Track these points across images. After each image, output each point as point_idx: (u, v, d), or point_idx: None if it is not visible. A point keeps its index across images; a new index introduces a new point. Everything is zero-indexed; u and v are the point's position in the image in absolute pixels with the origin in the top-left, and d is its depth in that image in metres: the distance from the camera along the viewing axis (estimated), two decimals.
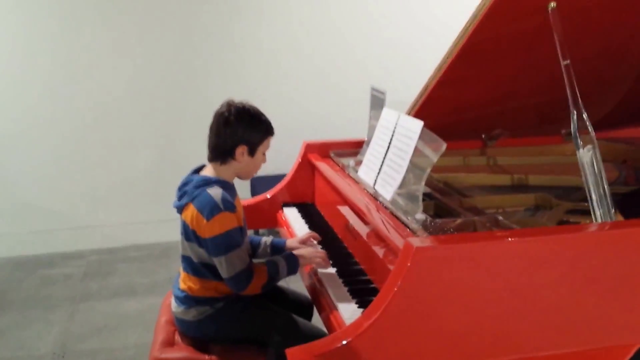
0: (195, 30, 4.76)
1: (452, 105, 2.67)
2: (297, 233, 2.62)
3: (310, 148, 3.03)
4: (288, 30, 4.91)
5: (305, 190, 3.03)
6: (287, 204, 3.01)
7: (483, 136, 3.01)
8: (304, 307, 2.44)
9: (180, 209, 2.14)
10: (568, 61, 2.03)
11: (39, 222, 4.76)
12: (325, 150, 3.02)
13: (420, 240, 1.67)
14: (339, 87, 5.02)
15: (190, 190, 2.11)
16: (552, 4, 2.02)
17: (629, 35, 2.48)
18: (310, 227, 2.69)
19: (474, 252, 1.65)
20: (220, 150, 2.15)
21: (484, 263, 1.65)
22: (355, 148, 2.84)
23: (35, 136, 4.65)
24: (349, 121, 4.30)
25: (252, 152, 2.16)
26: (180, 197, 2.15)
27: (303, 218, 2.82)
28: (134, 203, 4.90)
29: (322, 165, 2.85)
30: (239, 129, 2.12)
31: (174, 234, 3.86)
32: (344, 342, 1.61)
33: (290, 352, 1.63)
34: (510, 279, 1.66)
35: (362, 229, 2.24)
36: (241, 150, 2.14)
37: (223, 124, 2.13)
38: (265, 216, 2.99)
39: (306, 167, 3.02)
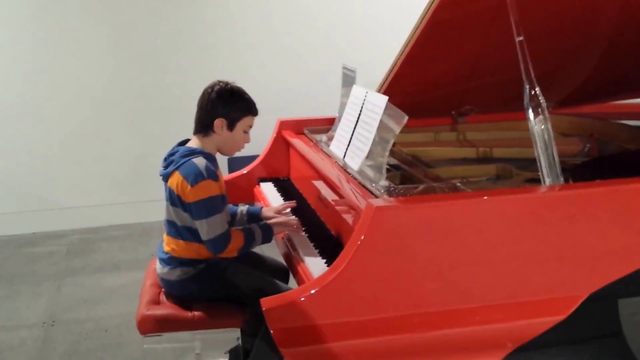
0: (167, 10, 4.93)
1: (419, 83, 2.89)
2: (273, 205, 2.83)
3: (284, 125, 3.25)
4: (261, 11, 5.11)
5: (281, 166, 3.25)
6: (264, 179, 3.23)
7: (453, 113, 3.25)
8: (280, 273, 2.67)
9: (166, 177, 2.36)
10: (522, 37, 2.23)
11: (21, 203, 4.95)
12: (299, 127, 3.24)
13: (380, 202, 1.90)
14: (313, 67, 5.21)
15: (177, 159, 2.34)
16: None
17: (592, 13, 2.69)
18: (285, 200, 2.91)
19: (428, 211, 1.89)
20: (202, 123, 2.39)
21: (438, 222, 1.88)
22: (328, 125, 3.05)
23: (19, 119, 4.82)
24: (323, 99, 4.47)
25: (230, 127, 2.39)
26: (166, 166, 2.38)
27: (279, 192, 3.05)
28: (115, 184, 5.09)
29: (296, 142, 3.07)
30: (219, 103, 2.36)
31: (155, 215, 4.09)
32: (312, 292, 1.84)
33: (264, 300, 1.86)
34: (461, 237, 1.89)
35: (332, 198, 2.47)
36: (220, 124, 2.37)
37: (206, 99, 2.38)
38: (243, 191, 3.20)
39: (281, 144, 3.24)
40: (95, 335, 3.34)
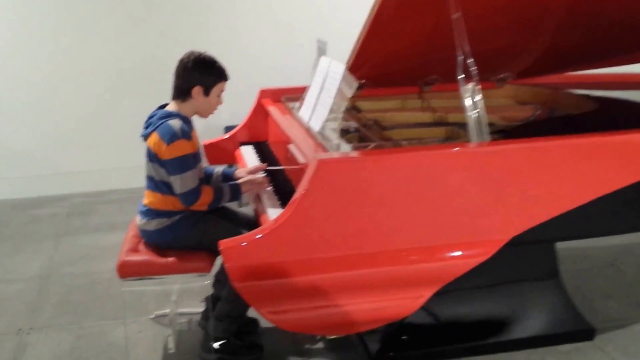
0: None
1: (383, 56, 3.17)
2: (249, 165, 3.13)
3: (264, 94, 3.55)
4: None
5: (261, 131, 3.55)
6: (244, 143, 3.53)
7: (419, 82, 3.52)
8: (250, 226, 2.96)
9: (146, 137, 2.67)
10: (458, 14, 2.50)
11: (26, 167, 5.30)
12: (278, 95, 3.54)
13: (323, 155, 2.20)
14: (298, 39, 5.44)
15: (155, 121, 2.64)
16: None
17: None
18: (261, 161, 3.21)
19: (363, 164, 2.19)
20: (181, 90, 2.69)
21: (372, 173, 2.18)
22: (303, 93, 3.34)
23: (27, 87, 5.15)
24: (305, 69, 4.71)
25: (206, 93, 2.69)
26: (146, 127, 2.69)
27: (256, 153, 3.35)
28: (118, 149, 5.42)
29: (272, 108, 3.36)
30: (196, 72, 2.66)
31: None
32: (262, 234, 2.15)
33: (222, 242, 2.17)
34: (393, 186, 2.18)
35: (297, 155, 2.76)
36: (197, 90, 2.66)
37: (183, 69, 2.68)
38: (225, 153, 3.52)
39: (261, 111, 3.54)
40: (87, 287, 3.66)
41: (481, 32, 2.86)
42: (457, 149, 2.28)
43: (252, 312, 2.86)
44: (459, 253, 2.23)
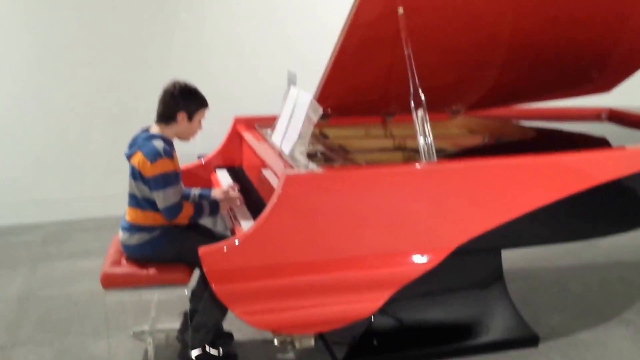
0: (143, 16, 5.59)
1: (348, 88, 3.51)
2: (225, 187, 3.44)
3: (238, 122, 3.88)
4: (225, 22, 5.77)
5: (235, 156, 3.88)
6: (220, 167, 3.85)
7: (382, 113, 3.89)
8: None
9: (130, 156, 2.98)
10: (409, 51, 2.87)
11: (1, 196, 5.53)
12: (251, 123, 3.88)
13: (291, 172, 2.53)
14: (271, 70, 5.71)
15: (139, 142, 2.96)
16: (400, 10, 2.86)
17: (488, 36, 3.34)
18: (234, 181, 3.52)
19: (327, 179, 2.52)
20: (165, 115, 3.02)
21: (332, 188, 2.52)
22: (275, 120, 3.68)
23: (1, 119, 5.41)
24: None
25: (190, 118, 3.03)
26: (130, 147, 3.00)
27: (230, 177, 3.66)
28: (91, 179, 5.68)
29: (247, 135, 3.69)
30: (181, 99, 3.00)
31: None
32: (236, 241, 2.45)
33: (201, 248, 2.47)
34: (350, 199, 2.52)
35: (268, 176, 3.09)
36: (182, 116, 3.00)
37: (169, 96, 3.02)
38: (201, 178, 3.82)
39: (235, 137, 3.87)
40: (66, 307, 3.90)
41: (435, 69, 3.27)
42: (406, 167, 2.64)
43: (227, 326, 3.18)
44: (410, 260, 2.56)
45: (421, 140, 2.72)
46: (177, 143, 3.12)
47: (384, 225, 2.56)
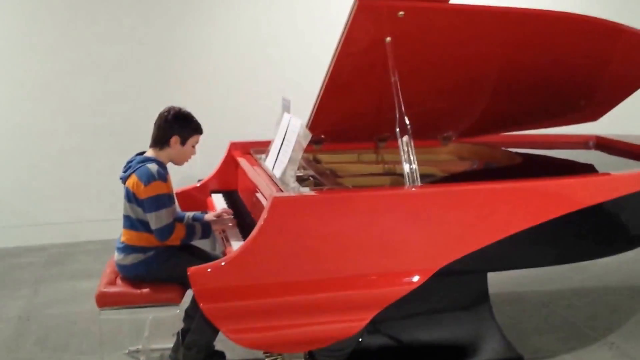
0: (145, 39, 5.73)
1: (340, 115, 3.61)
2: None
3: (234, 146, 3.99)
4: (224, 52, 5.91)
5: (230, 180, 3.97)
6: (215, 191, 3.94)
7: (374, 139, 3.99)
8: None
9: (125, 179, 3.08)
10: (396, 78, 2.96)
11: (4, 218, 5.66)
12: (247, 148, 3.98)
13: (279, 194, 2.62)
14: (267, 96, 5.88)
15: (134, 165, 3.06)
16: (388, 39, 2.97)
17: (476, 65, 3.43)
18: (229, 207, 3.61)
19: (314, 201, 2.61)
20: (159, 139, 3.12)
21: (319, 210, 2.59)
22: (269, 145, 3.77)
23: (4, 138, 5.55)
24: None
25: (183, 143, 3.13)
26: (125, 170, 3.10)
27: (225, 201, 3.75)
28: (94, 202, 5.80)
29: (242, 160, 3.79)
30: (175, 124, 3.10)
31: None
32: (224, 262, 2.54)
33: (191, 269, 2.55)
34: (336, 221, 2.59)
35: (261, 199, 3.17)
36: (175, 140, 3.10)
37: (163, 121, 3.13)
38: (195, 201, 3.91)
39: (231, 162, 3.97)
40: (65, 327, 3.99)
41: (424, 97, 3.37)
42: (390, 191, 2.72)
43: (220, 346, 3.25)
44: (394, 280, 2.63)
45: (406, 166, 2.80)
46: (179, 168, 3.22)
47: (368, 247, 2.63)
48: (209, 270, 2.54)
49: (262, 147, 3.90)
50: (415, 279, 2.64)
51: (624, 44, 3.44)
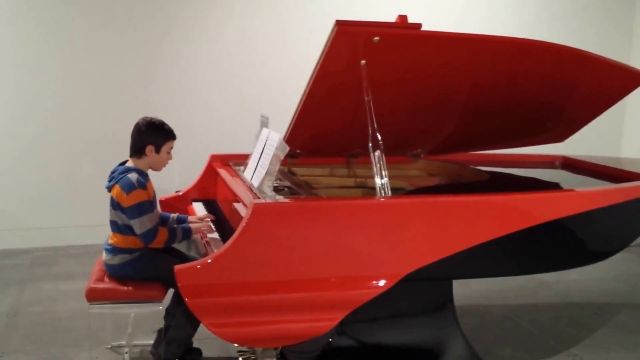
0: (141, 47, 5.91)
1: (315, 131, 3.81)
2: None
3: (214, 158, 4.19)
4: (207, 67, 6.14)
5: (210, 190, 4.16)
6: (196, 200, 4.13)
7: (346, 154, 4.21)
8: None
9: (110, 189, 3.26)
10: (369, 98, 3.18)
11: None
12: (226, 160, 4.17)
13: (258, 201, 2.82)
14: (245, 112, 6.14)
15: (116, 175, 3.25)
16: (363, 61, 3.17)
17: (446, 87, 3.64)
18: (208, 212, 3.80)
19: (289, 209, 2.81)
20: (136, 149, 3.32)
21: (295, 217, 2.79)
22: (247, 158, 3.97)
23: None
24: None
25: (157, 150, 3.32)
26: (110, 180, 3.29)
27: (205, 208, 3.94)
28: (77, 208, 5.94)
29: (222, 171, 3.99)
30: (148, 133, 3.30)
31: None
32: (208, 261, 2.73)
33: (177, 267, 2.74)
34: (310, 227, 2.80)
35: (239, 207, 3.37)
36: (150, 148, 3.30)
37: (137, 131, 3.33)
38: (178, 209, 4.08)
39: (211, 173, 4.16)
40: (51, 323, 4.13)
41: (395, 116, 3.58)
42: (362, 201, 2.93)
43: (196, 343, 3.43)
44: (363, 283, 2.83)
45: (377, 179, 3.00)
46: (160, 179, 3.39)
47: (340, 251, 2.81)
48: (193, 268, 2.72)
49: (241, 159, 4.10)
50: (382, 283, 2.83)
51: (589, 70, 3.64)
